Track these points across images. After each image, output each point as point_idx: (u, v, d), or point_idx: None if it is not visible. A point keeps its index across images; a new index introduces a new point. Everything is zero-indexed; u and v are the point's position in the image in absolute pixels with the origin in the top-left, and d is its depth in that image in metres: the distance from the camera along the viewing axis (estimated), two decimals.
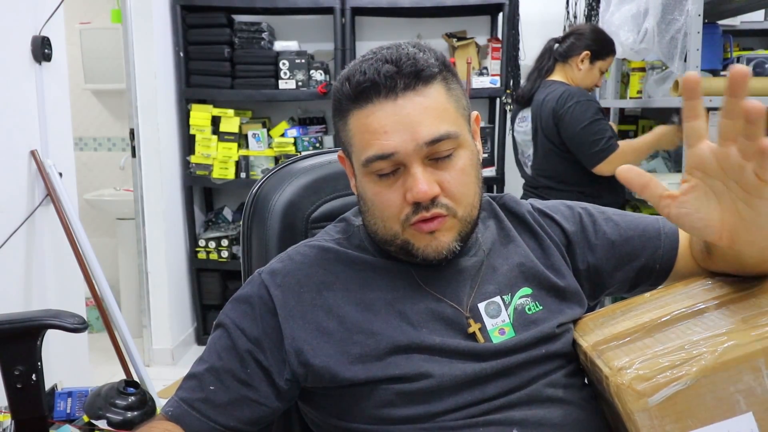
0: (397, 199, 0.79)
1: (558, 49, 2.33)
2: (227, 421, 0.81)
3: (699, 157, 0.68)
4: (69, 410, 1.52)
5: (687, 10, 1.91)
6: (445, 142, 0.78)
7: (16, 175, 1.98)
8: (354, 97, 0.79)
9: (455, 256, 0.86)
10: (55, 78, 2.14)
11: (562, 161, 2.28)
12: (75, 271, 2.13)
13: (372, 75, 0.77)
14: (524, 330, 0.84)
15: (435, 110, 0.78)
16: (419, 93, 0.77)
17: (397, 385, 0.78)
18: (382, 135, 0.77)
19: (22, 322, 1.17)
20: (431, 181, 0.77)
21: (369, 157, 0.78)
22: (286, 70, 3.02)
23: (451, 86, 0.82)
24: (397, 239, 0.82)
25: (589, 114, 2.16)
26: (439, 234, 0.80)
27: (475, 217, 0.83)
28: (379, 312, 0.82)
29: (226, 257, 3.17)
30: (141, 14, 2.81)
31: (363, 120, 0.79)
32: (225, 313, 0.86)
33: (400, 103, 0.77)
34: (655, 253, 0.91)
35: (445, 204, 0.79)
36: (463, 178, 0.80)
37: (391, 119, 0.77)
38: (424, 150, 0.77)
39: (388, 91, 0.77)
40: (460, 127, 0.81)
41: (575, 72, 2.30)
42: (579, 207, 0.96)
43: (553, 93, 2.25)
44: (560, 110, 2.19)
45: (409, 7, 2.99)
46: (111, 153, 3.79)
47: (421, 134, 0.76)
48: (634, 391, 0.69)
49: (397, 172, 0.79)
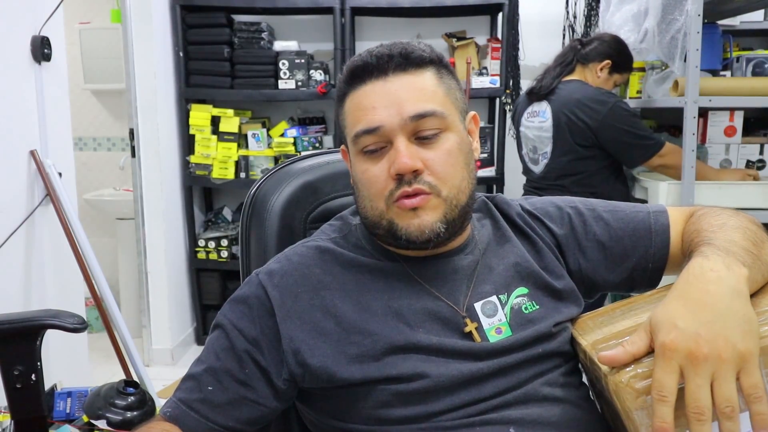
0: (382, 175, 0.81)
1: (581, 51, 2.32)
2: (225, 422, 0.81)
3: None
4: (68, 410, 1.52)
5: (687, 10, 1.90)
6: (431, 119, 0.81)
7: (16, 175, 1.98)
8: (349, 80, 0.84)
9: (451, 254, 0.87)
10: (55, 78, 2.14)
11: (585, 161, 2.26)
12: (74, 271, 2.13)
13: (365, 58, 0.83)
14: (521, 329, 0.84)
15: (423, 90, 0.82)
16: (409, 73, 0.82)
17: (394, 386, 0.79)
18: (371, 110, 0.81)
19: (21, 322, 1.17)
20: (414, 155, 0.80)
21: (357, 131, 0.82)
22: (285, 70, 3.02)
23: (443, 78, 0.85)
24: (383, 219, 0.82)
25: (631, 112, 2.20)
26: (422, 212, 0.80)
27: (462, 203, 0.83)
28: (376, 312, 0.82)
29: (225, 257, 3.17)
30: (140, 14, 2.80)
31: (355, 100, 0.83)
32: (223, 314, 0.86)
33: (390, 80, 0.81)
34: (646, 253, 0.91)
35: (428, 181, 0.80)
36: (448, 158, 0.82)
37: (380, 96, 0.81)
38: (409, 125, 0.80)
39: (380, 71, 0.82)
40: (449, 111, 0.83)
41: (594, 77, 2.31)
42: (568, 207, 0.95)
43: (581, 92, 2.24)
44: (601, 111, 2.18)
45: (408, 7, 2.98)
46: (110, 153, 3.79)
47: (407, 109, 0.80)
48: (632, 389, 0.69)
49: (384, 149, 0.81)
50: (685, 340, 0.65)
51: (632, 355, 0.70)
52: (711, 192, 2.02)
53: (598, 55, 2.29)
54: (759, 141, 2.38)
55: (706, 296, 0.68)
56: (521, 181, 2.62)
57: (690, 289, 0.71)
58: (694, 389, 0.64)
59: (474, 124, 0.91)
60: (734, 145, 2.36)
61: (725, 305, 0.67)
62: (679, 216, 0.93)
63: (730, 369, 0.64)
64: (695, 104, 1.92)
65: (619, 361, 0.70)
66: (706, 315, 0.67)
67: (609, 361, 0.71)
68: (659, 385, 0.65)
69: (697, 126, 1.94)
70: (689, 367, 0.64)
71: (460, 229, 0.86)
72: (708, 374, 0.64)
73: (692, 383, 0.64)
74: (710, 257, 0.74)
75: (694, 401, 0.64)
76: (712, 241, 0.78)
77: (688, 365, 0.65)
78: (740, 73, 2.36)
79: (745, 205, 1.99)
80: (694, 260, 0.74)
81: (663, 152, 2.17)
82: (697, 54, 1.88)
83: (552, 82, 2.33)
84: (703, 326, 0.66)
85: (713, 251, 0.75)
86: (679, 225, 0.92)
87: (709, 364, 0.64)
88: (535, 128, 2.39)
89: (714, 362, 0.64)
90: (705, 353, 0.64)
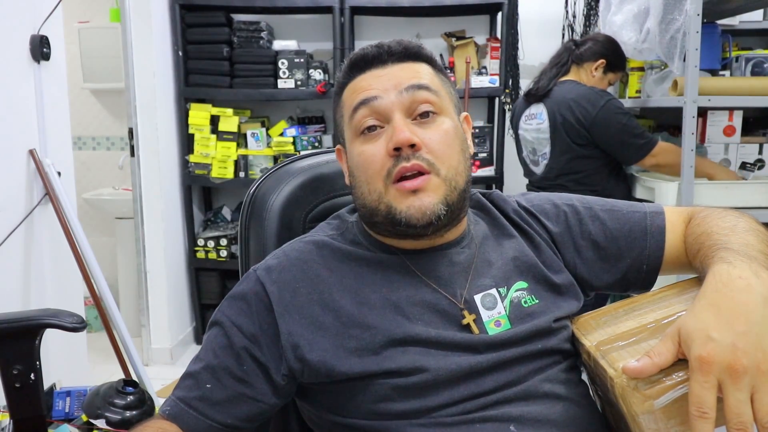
0: (379, 153, 0.82)
1: (576, 51, 2.34)
2: (224, 419, 0.81)
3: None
4: (67, 409, 1.52)
5: (686, 10, 1.90)
6: (425, 92, 0.83)
7: (15, 174, 1.98)
8: (349, 71, 0.87)
9: (447, 247, 0.87)
10: (54, 77, 2.14)
11: (583, 160, 2.28)
12: (74, 271, 2.13)
13: (366, 50, 0.86)
14: (520, 323, 0.84)
15: (419, 72, 0.85)
16: (406, 62, 0.86)
17: (393, 380, 0.79)
18: (368, 88, 0.84)
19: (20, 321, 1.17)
20: (413, 131, 0.81)
21: (355, 104, 0.84)
22: (285, 69, 3.02)
23: (438, 74, 0.88)
24: (381, 204, 0.82)
25: (623, 110, 2.21)
26: (423, 194, 0.81)
27: (461, 186, 0.84)
28: (375, 305, 0.82)
29: (225, 256, 3.17)
30: (140, 13, 2.80)
31: (354, 86, 0.86)
32: (221, 311, 0.86)
33: (387, 67, 0.85)
34: (641, 254, 0.91)
35: (426, 158, 0.81)
36: (445, 138, 0.83)
37: (378, 78, 0.84)
38: (405, 99, 0.82)
39: (379, 61, 0.85)
40: (444, 96, 0.86)
41: (588, 77, 2.33)
42: (564, 205, 0.95)
43: (575, 92, 2.25)
44: (594, 110, 2.20)
45: (408, 6, 2.98)
46: (110, 152, 3.79)
47: (402, 83, 0.83)
48: (639, 393, 0.68)
49: (382, 130, 0.83)
50: (723, 353, 0.62)
51: (659, 367, 0.67)
52: (711, 192, 2.02)
53: (593, 54, 2.31)
54: (758, 141, 2.38)
55: (738, 305, 0.66)
56: (520, 180, 2.62)
57: (720, 297, 0.67)
58: (735, 403, 0.61)
59: (467, 124, 0.92)
60: (733, 144, 2.36)
61: (759, 314, 0.65)
62: (677, 217, 0.92)
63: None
64: (694, 104, 1.92)
65: (645, 372, 0.67)
66: (741, 325, 0.64)
67: (635, 373, 0.68)
68: (699, 401, 0.62)
69: (696, 125, 1.94)
70: (729, 380, 0.62)
71: (458, 216, 0.86)
72: (748, 387, 0.62)
73: (733, 397, 0.61)
74: (735, 264, 0.71)
75: (737, 416, 0.61)
76: (729, 245, 0.76)
77: (727, 379, 0.62)
78: (739, 72, 2.37)
79: (745, 204, 1.99)
80: (719, 266, 0.72)
81: (655, 151, 2.19)
82: (696, 53, 1.88)
83: (548, 83, 2.35)
84: (739, 337, 0.63)
85: (736, 257, 0.73)
86: (677, 227, 0.91)
87: (748, 377, 0.62)
88: (533, 130, 2.41)
89: (753, 374, 0.62)
90: (744, 365, 0.62)
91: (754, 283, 0.67)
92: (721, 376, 0.62)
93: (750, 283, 0.68)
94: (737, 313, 0.65)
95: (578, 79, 2.34)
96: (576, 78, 2.34)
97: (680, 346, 0.67)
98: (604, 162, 2.28)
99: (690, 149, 1.94)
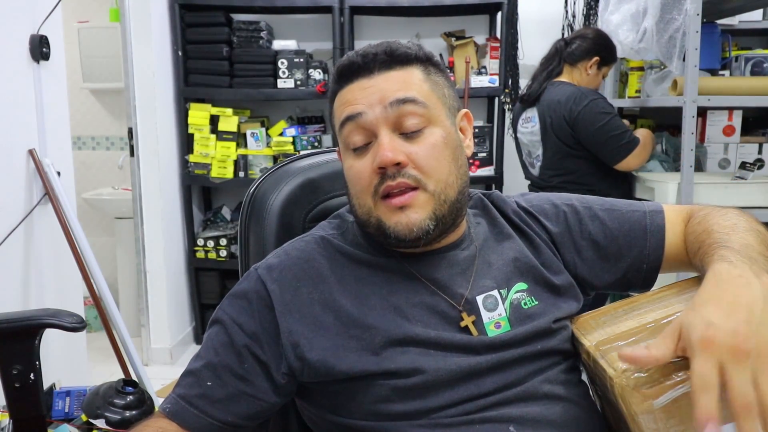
0: (366, 170, 0.82)
1: (566, 50, 2.34)
2: (225, 417, 0.81)
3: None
4: (67, 409, 1.52)
5: (685, 10, 1.91)
6: (412, 106, 0.81)
7: (14, 174, 1.98)
8: (337, 80, 0.86)
9: (447, 249, 0.87)
10: (53, 77, 2.14)
11: (575, 160, 2.29)
12: (73, 271, 2.13)
13: (352, 57, 0.84)
14: (520, 324, 0.84)
15: (406, 82, 0.83)
16: (394, 70, 0.83)
17: (393, 381, 0.79)
18: (353, 103, 0.82)
19: (20, 321, 1.17)
20: (397, 148, 0.80)
21: (341, 120, 0.83)
22: (284, 69, 3.02)
23: (431, 75, 0.86)
24: (372, 217, 0.83)
25: (606, 111, 2.21)
26: (410, 210, 0.80)
27: (452, 198, 0.83)
28: (375, 306, 0.82)
29: (224, 256, 3.17)
30: (139, 13, 2.80)
31: (342, 98, 0.85)
32: (222, 309, 0.86)
33: (374, 77, 0.83)
34: (641, 253, 0.91)
35: (412, 175, 0.80)
36: (432, 152, 0.82)
37: (364, 90, 0.82)
38: (390, 113, 0.81)
39: (365, 70, 0.83)
40: (433, 105, 0.84)
41: (583, 76, 2.33)
42: (564, 205, 0.95)
43: (563, 93, 2.26)
44: (576, 110, 2.21)
45: (407, 6, 2.98)
46: (109, 152, 3.79)
47: (388, 96, 0.81)
48: (639, 393, 0.68)
49: (370, 145, 0.82)
50: (725, 335, 0.62)
51: (655, 359, 0.66)
52: (711, 191, 2.03)
53: (586, 53, 2.32)
54: (757, 140, 2.39)
55: (739, 298, 0.66)
56: (520, 180, 2.62)
57: (720, 292, 0.67)
58: (739, 384, 0.60)
59: (467, 121, 0.91)
60: (733, 144, 2.36)
61: (759, 308, 0.65)
62: (677, 216, 0.92)
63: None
64: (694, 104, 1.92)
65: (640, 361, 0.67)
66: (742, 314, 0.64)
67: (630, 360, 0.67)
68: (701, 377, 0.61)
69: (696, 125, 1.95)
70: (732, 362, 0.61)
71: (452, 225, 0.86)
72: (750, 370, 0.61)
73: (736, 379, 0.60)
74: (736, 263, 0.71)
75: (742, 396, 0.60)
76: (730, 243, 0.76)
77: (730, 360, 0.61)
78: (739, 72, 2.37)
79: (745, 204, 2.00)
80: (719, 265, 0.72)
81: (636, 152, 2.19)
82: (695, 53, 1.88)
83: (539, 87, 2.37)
84: (740, 324, 0.63)
85: (736, 256, 0.73)
86: (677, 225, 0.91)
87: (751, 360, 0.61)
88: (528, 133, 2.44)
89: (756, 358, 0.61)
90: (747, 349, 0.61)
91: (753, 282, 0.68)
92: (724, 357, 0.61)
93: (750, 282, 0.68)
94: (738, 305, 0.65)
95: (571, 78, 2.35)
96: (569, 78, 2.35)
97: (680, 341, 0.67)
98: (596, 161, 2.29)
99: (690, 149, 1.94)
